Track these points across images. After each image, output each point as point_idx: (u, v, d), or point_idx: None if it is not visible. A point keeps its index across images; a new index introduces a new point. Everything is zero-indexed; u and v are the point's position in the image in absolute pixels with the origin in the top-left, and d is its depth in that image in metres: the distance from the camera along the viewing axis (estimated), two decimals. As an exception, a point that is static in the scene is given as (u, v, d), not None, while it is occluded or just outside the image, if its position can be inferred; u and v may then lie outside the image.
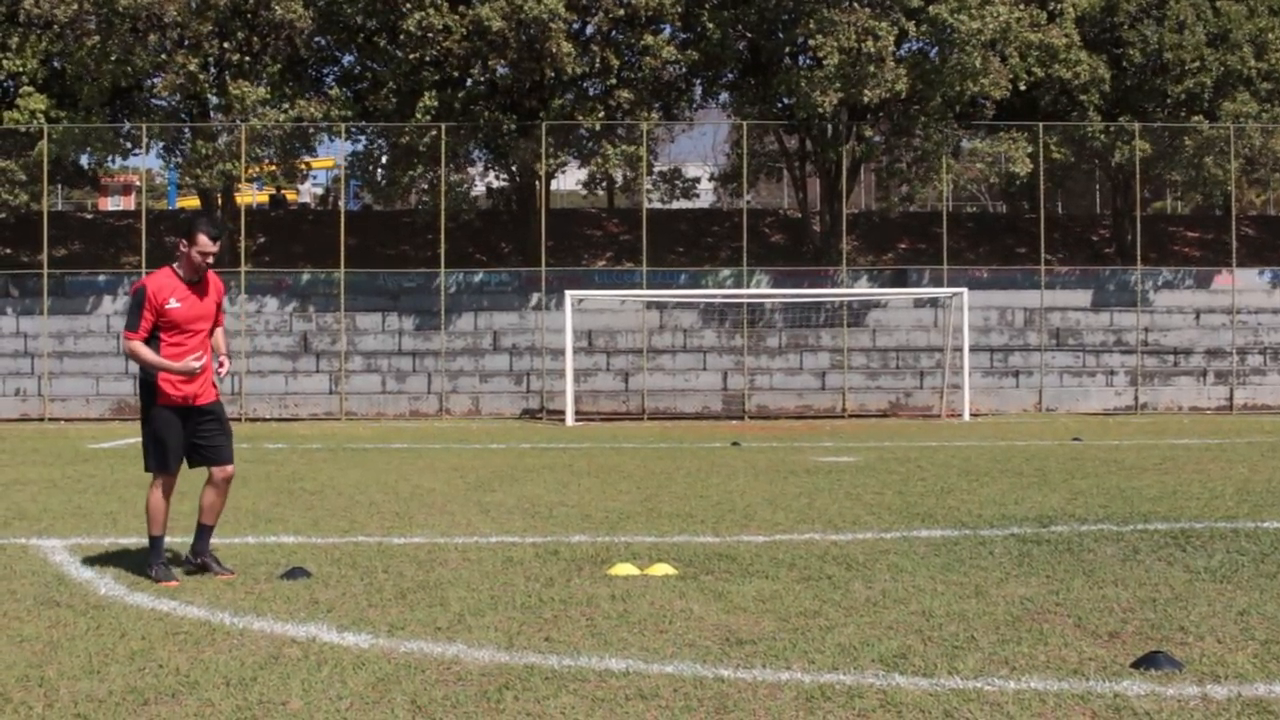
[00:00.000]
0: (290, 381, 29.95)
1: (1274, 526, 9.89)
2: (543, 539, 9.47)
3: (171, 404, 7.95)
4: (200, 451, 8.12)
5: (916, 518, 10.58)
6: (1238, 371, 31.15)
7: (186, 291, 8.00)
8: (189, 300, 8.00)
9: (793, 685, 5.40)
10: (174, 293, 7.97)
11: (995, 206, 46.54)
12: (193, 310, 8.02)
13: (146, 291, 7.95)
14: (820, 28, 28.78)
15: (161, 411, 7.96)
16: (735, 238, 32.57)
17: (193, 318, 8.02)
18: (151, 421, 8.00)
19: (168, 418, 7.96)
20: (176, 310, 7.94)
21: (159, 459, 8.02)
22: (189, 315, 7.99)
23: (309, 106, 30.28)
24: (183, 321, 7.97)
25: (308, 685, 5.43)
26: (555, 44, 28.73)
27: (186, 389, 7.99)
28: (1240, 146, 31.60)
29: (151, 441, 8.03)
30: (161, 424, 7.96)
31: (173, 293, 7.96)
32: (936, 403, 29.69)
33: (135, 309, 7.93)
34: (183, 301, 7.96)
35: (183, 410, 7.99)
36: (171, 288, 7.98)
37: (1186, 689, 5.32)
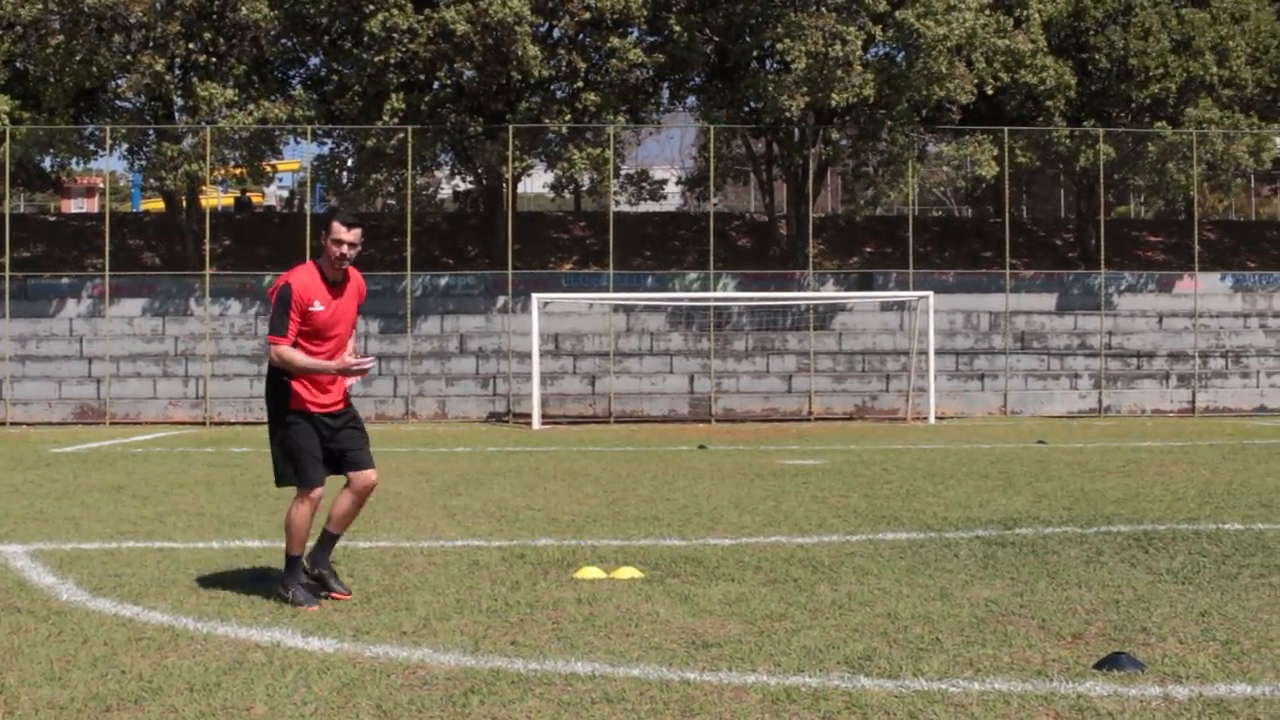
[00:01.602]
0: (255, 385, 29.76)
1: (1235, 528, 9.97)
2: (509, 542, 9.45)
3: (307, 410, 7.23)
4: (342, 459, 7.39)
5: (882, 520, 10.62)
6: (1200, 375, 31.40)
7: (329, 294, 7.22)
8: (331, 304, 7.23)
9: (758, 688, 5.40)
10: (318, 294, 7.17)
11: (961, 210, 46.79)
12: (334, 314, 7.25)
13: (293, 290, 7.11)
14: (787, 32, 28.87)
15: (297, 419, 7.21)
16: (702, 241, 32.63)
17: (334, 322, 7.25)
18: (286, 429, 7.23)
19: (304, 426, 7.21)
20: (319, 314, 7.16)
21: (300, 470, 7.24)
22: (330, 320, 7.23)
23: (274, 108, 30.15)
24: (324, 327, 7.20)
25: (272, 690, 5.40)
26: (521, 47, 28.71)
27: (327, 395, 7.32)
28: (1203, 152, 31.85)
29: (288, 452, 7.26)
30: (299, 432, 7.20)
31: (317, 294, 7.17)
32: (902, 406, 29.81)
33: (282, 310, 7.10)
34: (327, 304, 7.19)
35: (319, 417, 7.26)
36: (315, 288, 7.18)
37: (1149, 689, 5.35)
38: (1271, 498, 12.04)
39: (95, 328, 30.49)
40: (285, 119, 30.31)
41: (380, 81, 29.84)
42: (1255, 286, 33.34)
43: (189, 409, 29.44)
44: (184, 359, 30.04)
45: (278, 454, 7.35)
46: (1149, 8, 32.00)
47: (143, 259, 35.15)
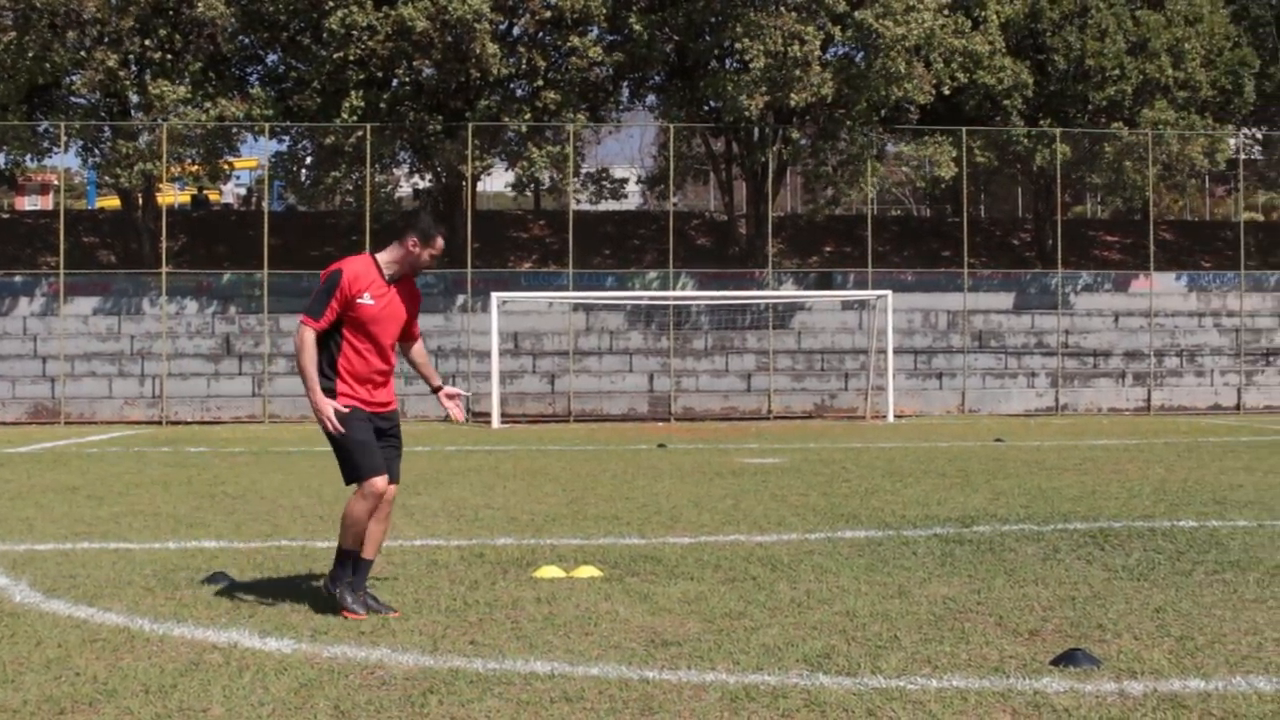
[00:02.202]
0: (212, 384, 29.60)
1: (1190, 525, 10.06)
2: (468, 542, 9.43)
3: (357, 405, 6.89)
4: None
5: (841, 519, 10.65)
6: (1155, 373, 31.69)
7: (385, 289, 6.93)
8: (385, 299, 6.92)
9: (717, 686, 5.41)
10: (371, 286, 6.87)
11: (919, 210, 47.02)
12: (385, 311, 6.93)
13: (342, 277, 6.83)
14: (747, 31, 28.93)
15: (350, 409, 6.85)
16: (662, 240, 32.66)
17: (384, 319, 6.93)
18: (345, 424, 6.81)
19: (358, 414, 6.84)
20: (368, 307, 6.84)
21: (358, 463, 6.84)
22: (380, 315, 6.90)
23: (232, 106, 29.93)
24: (370, 321, 6.86)
25: (229, 692, 5.36)
26: (481, 45, 28.64)
27: (373, 395, 6.99)
28: (1158, 153, 32.14)
29: (349, 447, 6.83)
30: (353, 425, 6.82)
31: (370, 286, 6.86)
32: (861, 404, 29.92)
33: (324, 294, 6.80)
34: (378, 299, 6.87)
35: (366, 414, 6.91)
36: (370, 279, 6.88)
37: (1104, 685, 5.39)
38: (1225, 495, 12.17)
39: (49, 326, 30.20)
40: (243, 116, 30.10)
41: (339, 79, 29.70)
42: (1210, 286, 33.67)
43: (145, 408, 29.20)
44: (140, 358, 29.79)
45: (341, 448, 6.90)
46: (1105, 10, 32.26)
47: (98, 257, 34.86)
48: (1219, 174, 41.60)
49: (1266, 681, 5.43)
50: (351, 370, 6.91)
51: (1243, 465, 15.58)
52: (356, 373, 6.92)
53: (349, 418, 6.82)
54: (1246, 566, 8.18)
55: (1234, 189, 41.57)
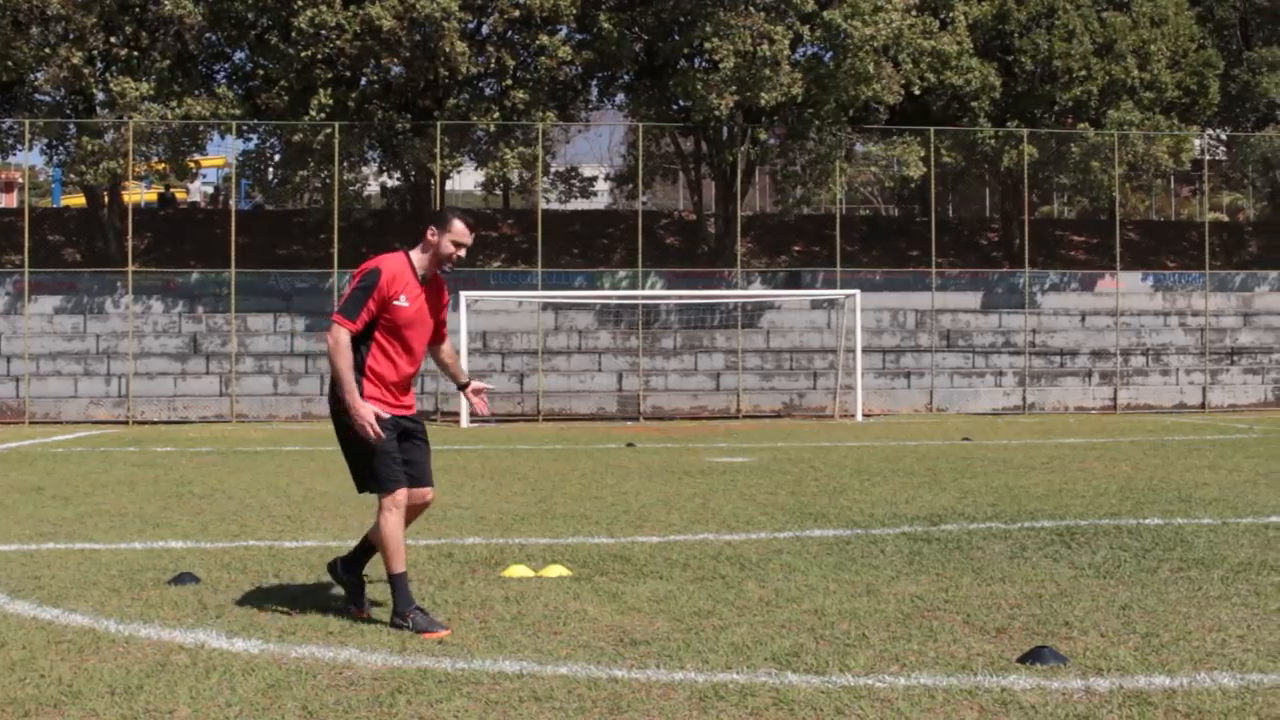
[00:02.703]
0: (179, 383, 29.43)
1: (1155, 523, 10.13)
2: (436, 541, 9.40)
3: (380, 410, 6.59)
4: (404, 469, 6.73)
5: (809, 517, 10.68)
6: (1121, 372, 31.89)
7: (418, 289, 6.65)
8: (419, 301, 6.65)
9: (686, 685, 5.41)
10: (407, 287, 6.58)
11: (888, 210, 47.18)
12: (419, 313, 6.67)
13: (381, 277, 6.51)
14: (716, 31, 28.96)
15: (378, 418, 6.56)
16: (631, 239, 32.66)
17: (418, 322, 6.67)
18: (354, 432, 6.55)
19: (385, 423, 6.57)
20: (404, 310, 6.57)
21: (380, 474, 6.56)
22: (413, 318, 6.63)
23: (198, 104, 29.76)
24: (405, 324, 6.59)
25: (196, 693, 5.34)
26: (449, 43, 28.57)
27: (397, 399, 6.72)
28: (1124, 153, 32.35)
29: (363, 455, 6.58)
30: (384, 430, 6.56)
31: (405, 287, 6.58)
32: (830, 403, 30.00)
33: (361, 294, 6.50)
34: (413, 301, 6.60)
35: (392, 420, 6.63)
36: (405, 280, 6.58)
37: (1070, 682, 5.42)
38: (1191, 493, 12.25)
39: (14, 325, 29.97)
40: (209, 114, 29.94)
41: (307, 77, 29.57)
42: (1175, 286, 33.91)
43: (111, 408, 29.01)
44: (106, 357, 29.59)
45: (352, 459, 6.69)
46: (1072, 11, 32.45)
47: (63, 255, 34.61)
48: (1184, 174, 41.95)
49: (1230, 677, 5.48)
50: (380, 373, 6.63)
51: (1207, 463, 15.69)
52: (385, 376, 6.65)
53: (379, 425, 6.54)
54: (1211, 564, 8.24)
55: (1199, 189, 41.89)
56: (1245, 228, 43.61)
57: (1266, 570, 8.01)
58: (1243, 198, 47.55)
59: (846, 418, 28.40)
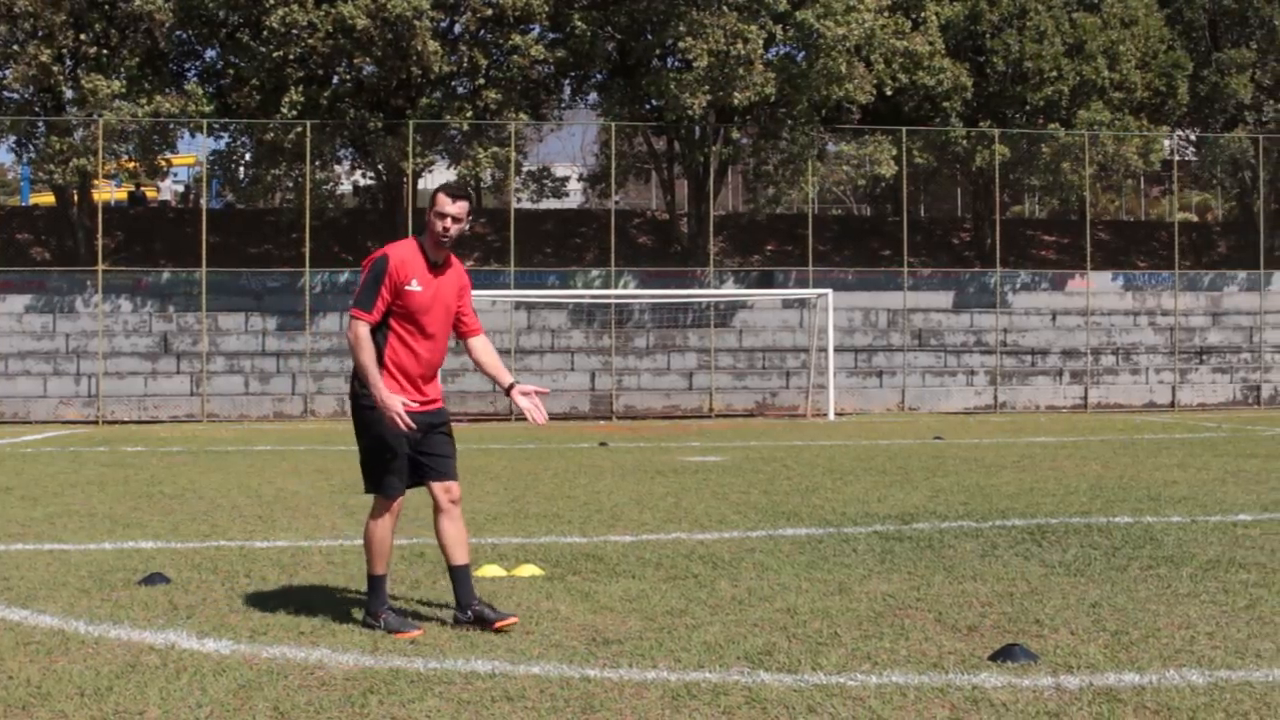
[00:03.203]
0: (150, 383, 29.26)
1: (1125, 521, 10.19)
2: (408, 541, 9.38)
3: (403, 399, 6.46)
4: (425, 466, 6.64)
5: (782, 516, 10.70)
6: (1092, 371, 32.06)
7: (429, 274, 6.50)
8: (431, 285, 6.50)
9: (659, 684, 5.42)
10: (417, 272, 6.45)
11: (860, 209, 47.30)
12: (434, 298, 6.51)
13: (389, 263, 6.42)
14: (689, 30, 28.97)
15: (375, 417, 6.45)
16: (603, 238, 32.64)
17: (434, 308, 6.51)
18: (375, 428, 6.47)
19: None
20: (417, 295, 6.43)
21: (381, 477, 6.56)
22: (428, 303, 6.47)
23: (168, 102, 29.60)
24: (419, 311, 6.45)
25: (166, 694, 5.31)
26: (421, 42, 28.50)
27: (421, 392, 6.58)
28: (1094, 153, 32.52)
29: (371, 453, 6.56)
30: (389, 433, 6.44)
31: (416, 272, 6.44)
32: (802, 402, 30.06)
33: (372, 283, 6.41)
34: (425, 286, 6.47)
35: (414, 416, 6.47)
36: (415, 264, 6.46)
37: (1041, 680, 5.45)
38: (1160, 491, 12.33)
39: (-18, 325, 29.75)
40: (180, 112, 29.78)
41: (278, 75, 29.45)
42: (1145, 286, 34.10)
43: (81, 408, 28.82)
44: (75, 356, 29.39)
45: (364, 454, 6.63)
46: (1043, 12, 32.60)
47: (32, 254, 34.36)
48: (1153, 175, 42.18)
49: (1199, 674, 5.52)
50: (400, 365, 6.51)
51: (1176, 462, 15.80)
52: (405, 368, 6.52)
53: (381, 423, 6.42)
54: (1180, 561, 8.30)
55: (1168, 190, 42.15)
56: (1214, 228, 43.91)
57: (1235, 568, 8.07)
58: (1211, 198, 47.87)
59: (819, 417, 28.46)
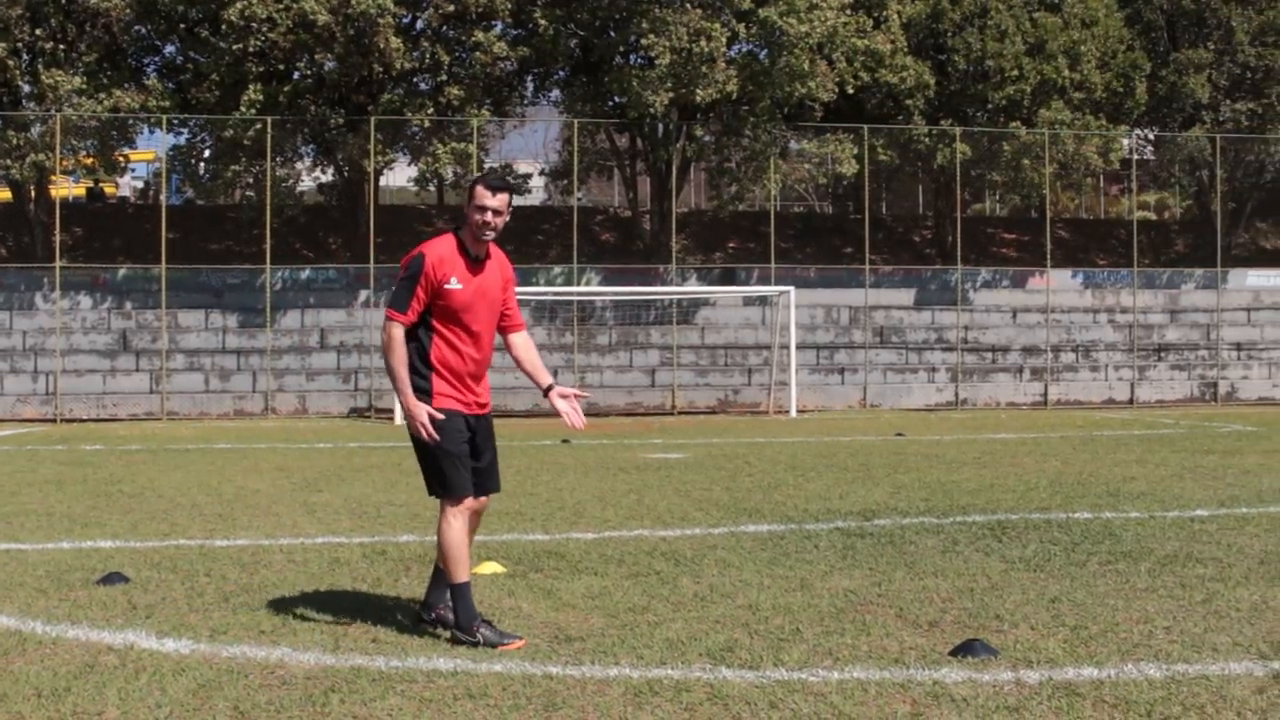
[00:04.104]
0: (108, 380, 29.03)
1: (1084, 517, 10.26)
2: (370, 539, 9.35)
3: (453, 409, 6.28)
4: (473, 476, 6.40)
5: (744, 513, 10.72)
6: (1052, 368, 32.27)
7: (468, 270, 6.29)
8: (472, 282, 6.30)
9: (621, 681, 5.42)
10: (456, 269, 6.24)
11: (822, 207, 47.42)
12: (476, 294, 6.31)
13: (426, 262, 6.19)
14: (652, 27, 28.96)
15: (446, 416, 6.24)
16: (566, 235, 32.61)
17: (476, 305, 6.32)
18: (438, 431, 6.21)
19: (454, 424, 6.24)
20: (458, 293, 6.23)
21: (448, 478, 6.25)
22: (469, 301, 6.28)
23: (127, 97, 29.36)
24: (462, 309, 6.25)
25: (124, 694, 5.27)
26: (384, 38, 28.38)
27: (473, 393, 6.39)
28: (1055, 152, 32.72)
29: (432, 456, 6.26)
30: (448, 432, 6.22)
31: (454, 269, 6.24)
32: (764, 399, 30.12)
33: (408, 283, 6.18)
34: (466, 283, 6.26)
35: (465, 421, 6.32)
36: (454, 262, 6.25)
37: (1001, 675, 5.49)
38: (1119, 487, 12.43)
39: (-62, 322, 29.45)
40: (139, 108, 29.55)
41: (238, 71, 29.26)
42: (1104, 283, 34.36)
43: (38, 405, 28.56)
44: (33, 354, 29.13)
45: (422, 459, 6.37)
46: (1004, 11, 32.77)
47: (-11, 251, 34.02)
48: (1113, 173, 42.46)
49: (1156, 668, 5.57)
50: (447, 364, 6.29)
51: (1135, 458, 15.92)
52: (453, 367, 6.29)
53: (443, 425, 6.20)
54: (1138, 557, 8.37)
55: (1127, 188, 42.47)
56: (1172, 226, 44.28)
57: (1192, 562, 8.14)
58: (1170, 197, 48.26)
59: (781, 414, 28.53)
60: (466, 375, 6.36)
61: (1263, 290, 34.57)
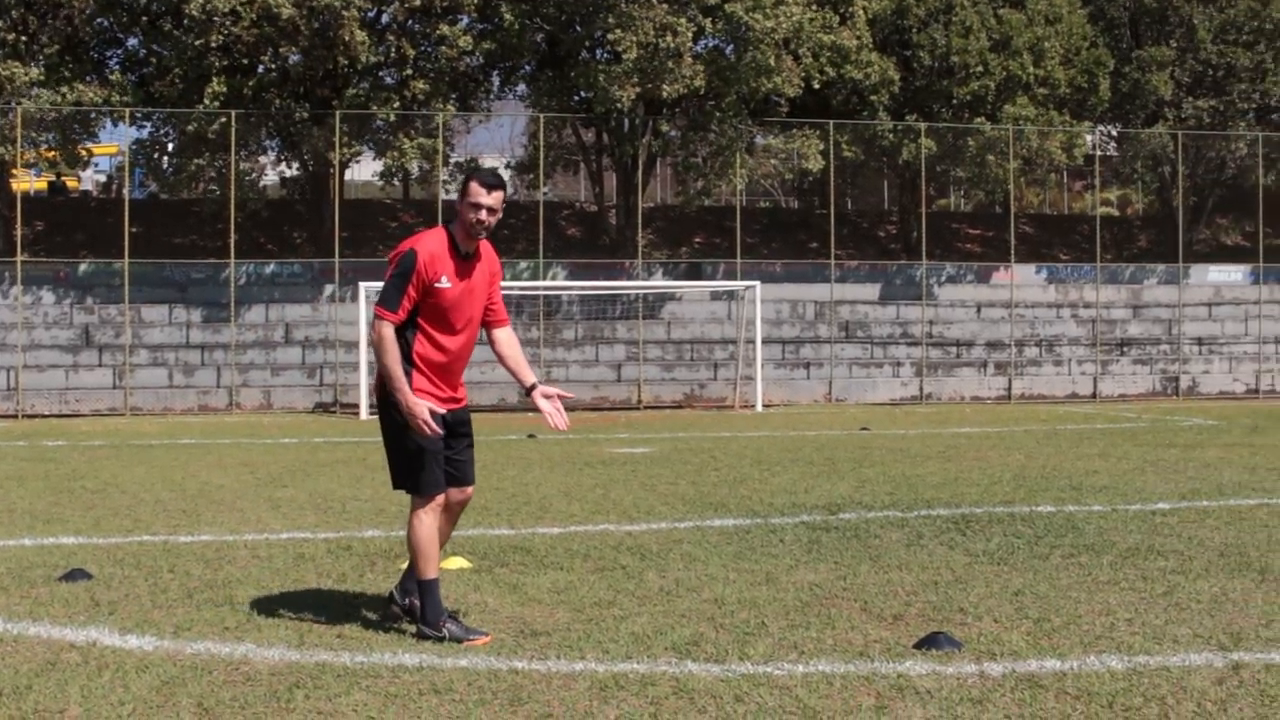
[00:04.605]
0: (71, 376, 28.81)
1: (1048, 510, 10.33)
2: (335, 534, 9.32)
3: (431, 404, 6.18)
4: (446, 471, 6.33)
5: (710, 507, 10.74)
6: (1015, 363, 32.46)
7: (458, 268, 6.17)
8: (460, 280, 6.18)
9: (586, 675, 5.43)
10: (446, 268, 6.12)
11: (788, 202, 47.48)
12: (465, 293, 6.22)
13: (418, 260, 6.05)
14: (619, 22, 28.93)
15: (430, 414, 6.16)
16: (532, 230, 32.55)
17: (465, 303, 6.23)
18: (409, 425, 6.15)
19: (435, 419, 6.16)
20: (446, 292, 6.12)
21: (420, 475, 6.19)
22: (458, 299, 6.18)
23: (89, 90, 29.12)
24: (450, 306, 6.16)
25: (87, 691, 5.24)
26: (348, 32, 28.24)
27: (452, 389, 6.36)
28: (1019, 148, 32.89)
29: (407, 452, 6.20)
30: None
31: (445, 268, 6.11)
32: (730, 394, 30.17)
33: (399, 280, 6.06)
34: (456, 281, 6.15)
35: (442, 419, 6.24)
36: (445, 260, 6.12)
37: (965, 667, 5.52)
38: (1081, 481, 12.51)
39: (-103, 317, 29.15)
40: (101, 101, 29.32)
41: (201, 65, 29.06)
42: (1067, 278, 34.57)
43: (0, 401, 28.35)
44: (-6, 349, 28.89)
45: (394, 454, 6.31)
46: (969, 7, 32.90)
47: (-51, 245, 33.69)
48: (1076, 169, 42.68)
49: (1118, 660, 5.61)
50: (428, 360, 6.21)
51: (1098, 452, 16.04)
52: (434, 363, 6.22)
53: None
54: (1101, 550, 8.43)
55: (1090, 184, 42.72)
56: (1134, 221, 44.57)
57: (1153, 555, 8.21)
58: (1132, 192, 48.57)
59: (746, 408, 28.59)
60: (446, 371, 6.31)
61: (1223, 285, 34.88)
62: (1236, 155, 35.87)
